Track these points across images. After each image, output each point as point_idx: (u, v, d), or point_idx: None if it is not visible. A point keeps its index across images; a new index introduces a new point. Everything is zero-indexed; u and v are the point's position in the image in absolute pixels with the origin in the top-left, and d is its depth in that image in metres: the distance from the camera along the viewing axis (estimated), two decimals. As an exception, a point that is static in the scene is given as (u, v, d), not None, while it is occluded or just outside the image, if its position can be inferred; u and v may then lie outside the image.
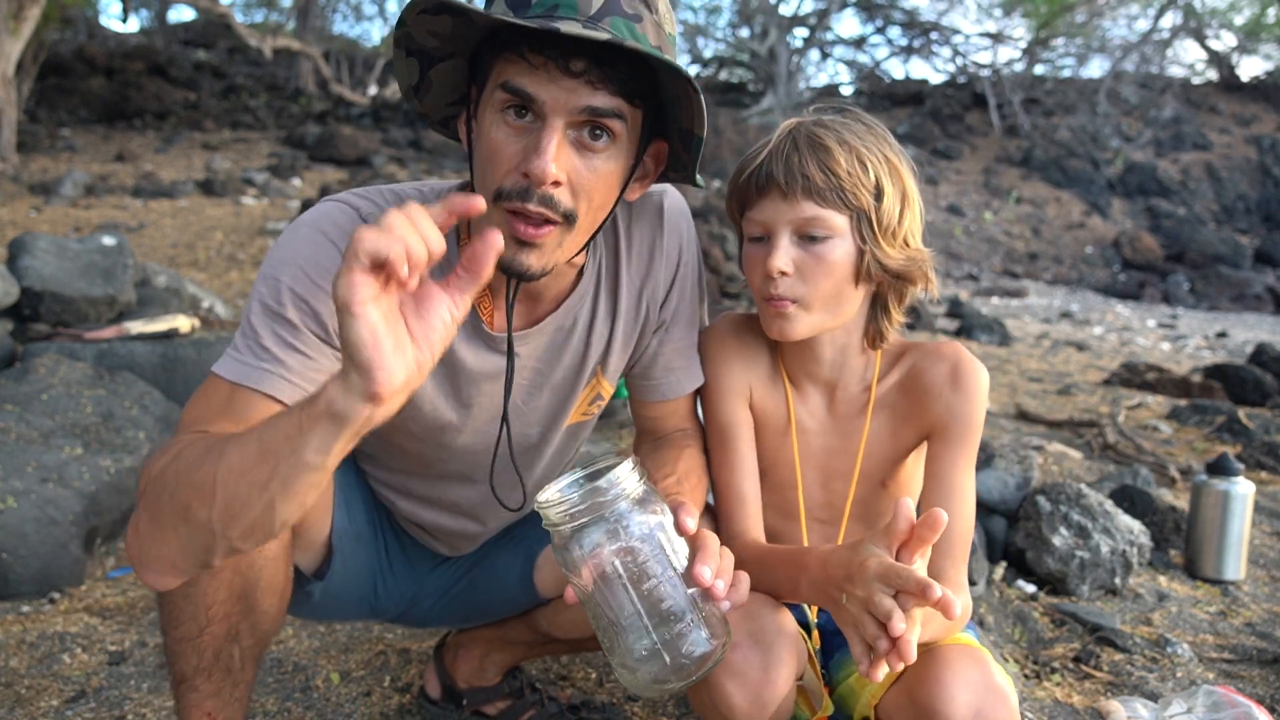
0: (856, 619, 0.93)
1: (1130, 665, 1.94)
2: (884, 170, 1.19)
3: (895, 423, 1.29)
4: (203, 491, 0.88)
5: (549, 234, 1.04)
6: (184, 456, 0.93)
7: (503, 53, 1.02)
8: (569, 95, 1.00)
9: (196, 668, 1.19)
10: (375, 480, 1.43)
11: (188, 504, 0.89)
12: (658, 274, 1.30)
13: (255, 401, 1.03)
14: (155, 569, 0.97)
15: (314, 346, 1.07)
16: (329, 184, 9.49)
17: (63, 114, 13.60)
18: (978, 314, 7.32)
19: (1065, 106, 17.24)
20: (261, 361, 1.04)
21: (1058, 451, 3.47)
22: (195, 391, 1.07)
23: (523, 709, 1.64)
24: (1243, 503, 2.42)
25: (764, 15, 18.51)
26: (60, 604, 2.14)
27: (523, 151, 1.02)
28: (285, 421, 0.85)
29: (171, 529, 0.92)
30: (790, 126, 1.22)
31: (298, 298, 1.06)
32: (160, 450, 0.98)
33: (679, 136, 1.13)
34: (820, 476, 1.34)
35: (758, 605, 1.11)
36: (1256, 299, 11.38)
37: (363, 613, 1.48)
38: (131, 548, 0.98)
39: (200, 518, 0.89)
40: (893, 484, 1.33)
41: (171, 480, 0.92)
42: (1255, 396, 4.84)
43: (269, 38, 13.74)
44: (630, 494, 0.89)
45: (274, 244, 1.11)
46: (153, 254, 6.86)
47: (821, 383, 1.31)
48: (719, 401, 1.32)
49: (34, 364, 2.81)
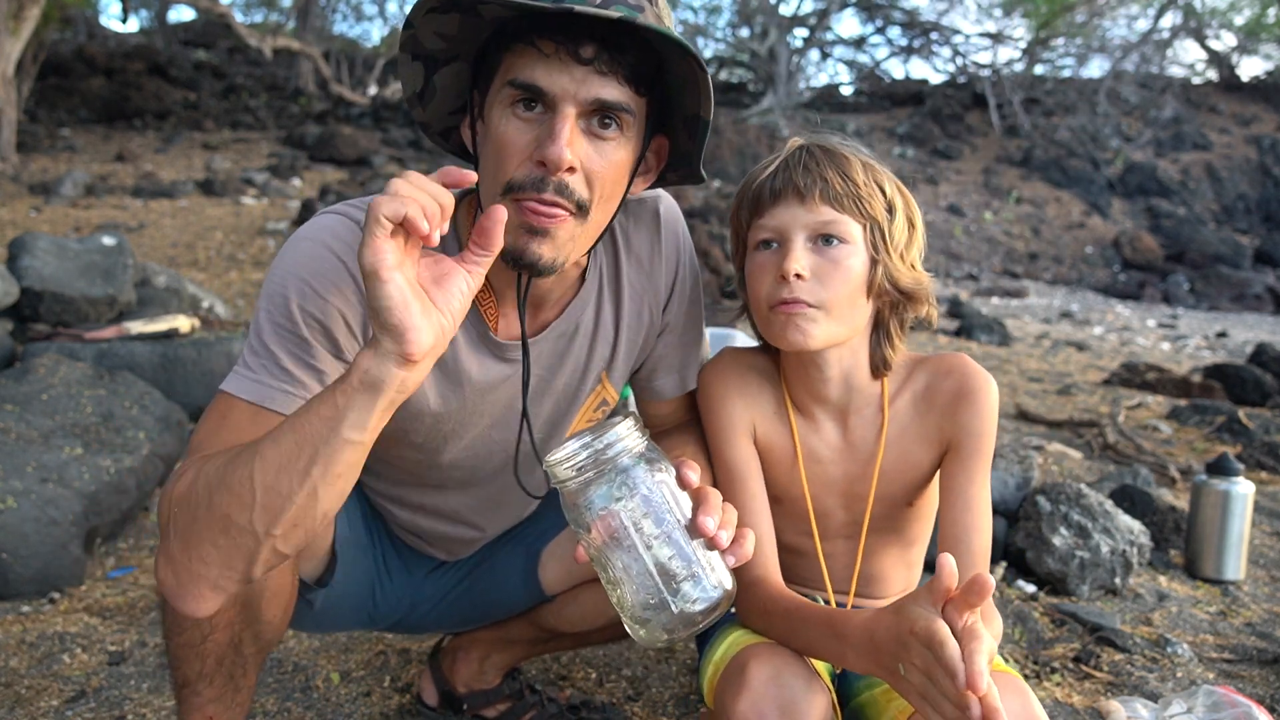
0: (923, 690, 0.88)
1: (1130, 665, 1.95)
2: (896, 192, 1.21)
3: (910, 442, 1.28)
4: (241, 495, 0.88)
5: (564, 221, 1.04)
6: (210, 470, 0.92)
7: (510, 45, 1.02)
8: (579, 85, 1.00)
9: (199, 673, 1.19)
10: (372, 490, 1.43)
11: (226, 512, 0.88)
12: (658, 277, 1.31)
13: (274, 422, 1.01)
14: (195, 594, 0.94)
15: (328, 363, 1.06)
16: (329, 184, 9.49)
17: (63, 114, 13.60)
18: (978, 314, 7.32)
19: (1065, 106, 17.24)
20: (282, 383, 1.03)
21: (1058, 451, 3.47)
22: (208, 413, 1.05)
23: (523, 710, 1.64)
24: (1243, 503, 2.42)
25: (764, 15, 18.51)
26: (60, 604, 2.14)
27: (534, 141, 1.02)
28: (319, 405, 0.87)
29: (210, 544, 0.90)
30: (802, 141, 1.23)
31: (307, 314, 1.05)
32: (177, 474, 0.97)
33: (684, 124, 1.13)
34: (842, 500, 1.32)
35: (788, 672, 1.07)
36: (1256, 299, 11.38)
37: (361, 621, 1.47)
38: (165, 580, 0.95)
39: (241, 522, 0.88)
40: (915, 501, 1.32)
41: (203, 494, 0.90)
42: (1255, 396, 4.84)
43: (269, 38, 13.74)
44: (634, 449, 0.91)
45: (276, 259, 1.10)
46: (153, 254, 6.86)
47: (833, 408, 1.29)
48: (723, 441, 1.30)
49: (34, 364, 2.81)
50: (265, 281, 1.08)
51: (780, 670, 1.08)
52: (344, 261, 1.08)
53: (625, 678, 1.85)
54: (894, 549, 1.36)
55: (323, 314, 1.05)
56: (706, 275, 6.78)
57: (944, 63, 23.86)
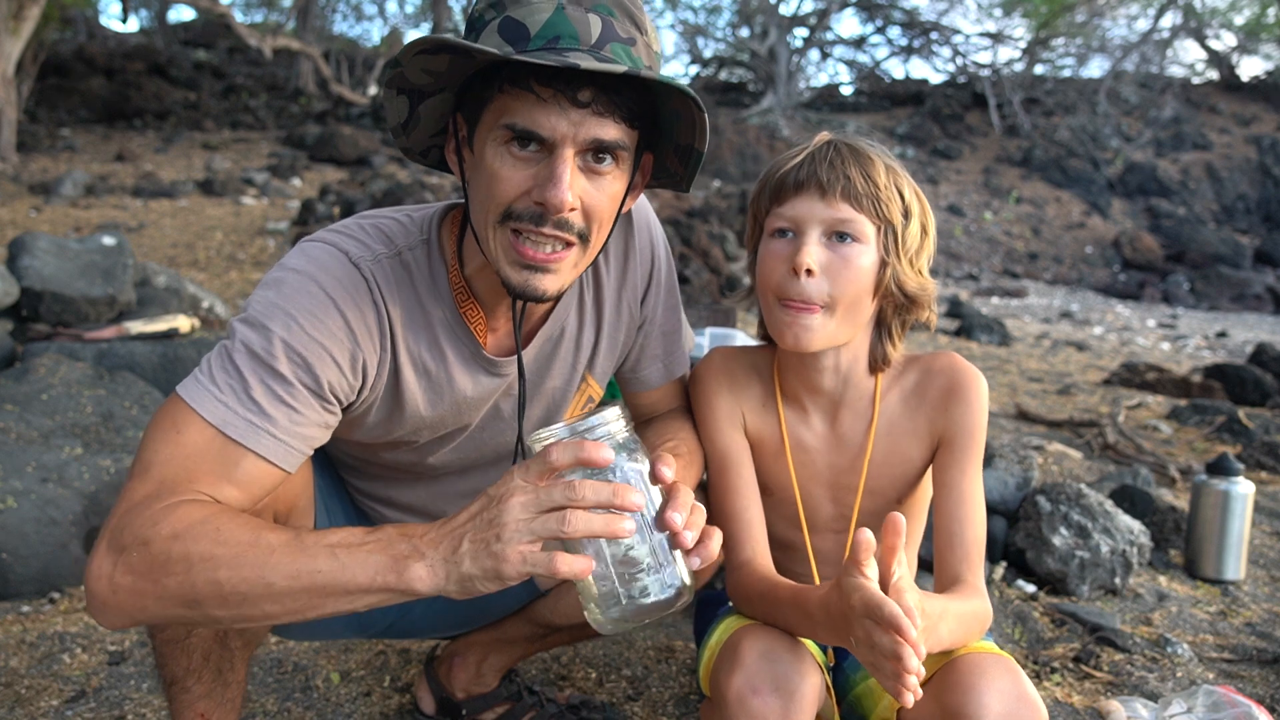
0: (869, 660, 0.95)
1: (1130, 665, 1.95)
2: (914, 197, 1.23)
3: (900, 437, 1.30)
4: (226, 598, 0.89)
5: (565, 257, 1.05)
6: (200, 545, 0.90)
7: (502, 85, 1.00)
8: (577, 127, 1.00)
9: (186, 669, 1.19)
10: (359, 493, 1.43)
11: (201, 599, 0.90)
12: (634, 273, 1.32)
13: (249, 463, 1.00)
14: (117, 618, 0.94)
15: (303, 400, 1.04)
16: (329, 184, 9.49)
17: (63, 114, 13.60)
18: (978, 314, 7.32)
19: (1065, 106, 17.25)
20: (249, 414, 1.00)
21: (1058, 451, 3.47)
22: (160, 421, 1.00)
23: (522, 712, 1.64)
24: (1243, 503, 2.42)
25: (764, 15, 18.52)
26: (60, 604, 2.14)
27: (531, 179, 1.02)
28: (358, 572, 0.89)
29: (160, 599, 0.91)
30: (830, 136, 1.25)
31: (290, 349, 1.02)
32: (146, 506, 0.93)
33: (675, 150, 1.13)
34: (830, 492, 1.35)
35: (779, 649, 1.11)
36: (1256, 299, 11.38)
37: (351, 629, 1.47)
38: (97, 588, 0.92)
39: (210, 611, 0.91)
40: (905, 498, 1.34)
41: (180, 564, 0.89)
42: (1255, 396, 4.84)
43: (269, 38, 13.75)
44: (615, 436, 0.92)
45: (261, 286, 1.06)
46: (153, 254, 6.86)
47: (825, 400, 1.32)
48: (714, 431, 1.34)
49: (34, 364, 2.81)
50: (250, 304, 1.05)
51: (772, 647, 1.10)
52: (333, 299, 1.06)
53: (625, 678, 1.85)
54: None
55: (307, 351, 1.03)
56: (706, 275, 6.78)
57: (944, 63, 23.86)
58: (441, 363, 1.18)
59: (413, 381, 1.17)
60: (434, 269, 1.16)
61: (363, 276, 1.09)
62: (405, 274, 1.13)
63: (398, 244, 1.14)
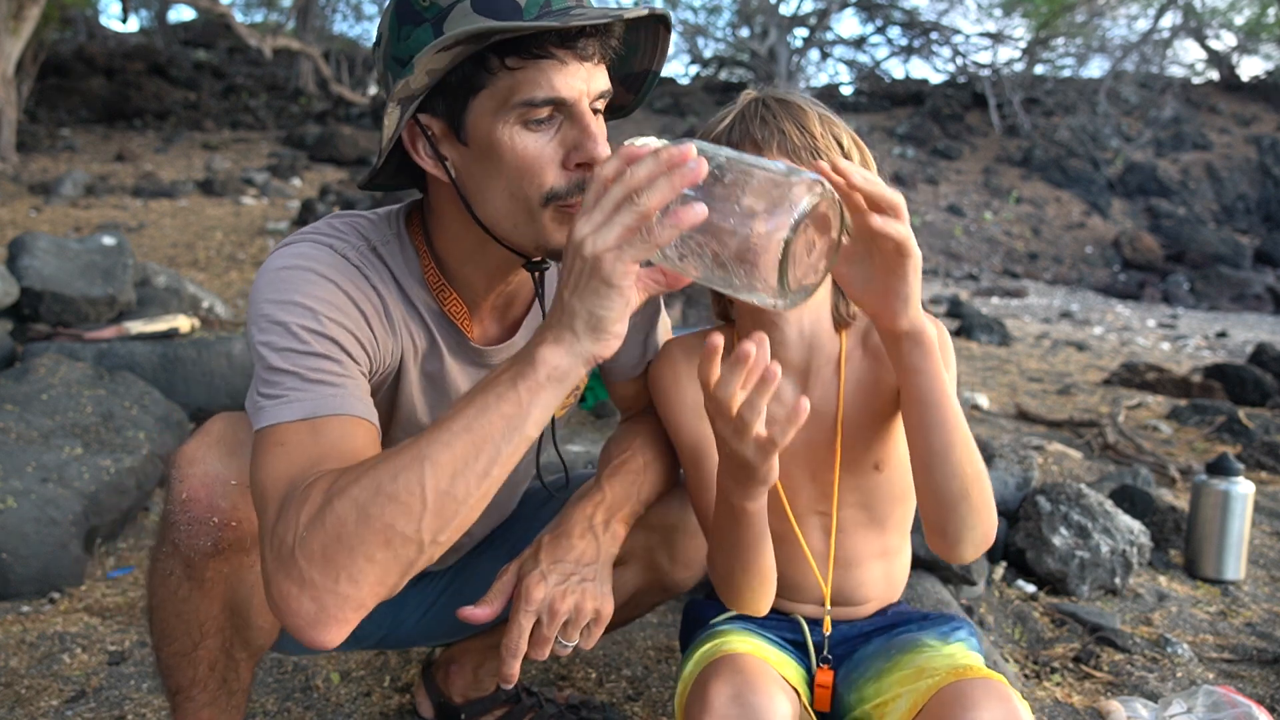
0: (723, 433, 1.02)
1: (1130, 665, 1.95)
2: (852, 144, 1.20)
3: (867, 394, 1.27)
4: (408, 504, 0.87)
5: None
6: (352, 485, 0.88)
7: (503, 64, 0.99)
8: (588, 82, 1.02)
9: (192, 680, 1.19)
10: None
11: (389, 523, 0.86)
12: None
13: (342, 425, 1.00)
14: (339, 618, 0.90)
15: (347, 367, 1.04)
16: (329, 184, 9.49)
17: (63, 114, 13.61)
18: (978, 314, 7.32)
19: (1065, 106, 17.24)
20: (317, 391, 1.00)
21: (1058, 451, 3.47)
22: (259, 455, 0.99)
23: (521, 713, 1.64)
24: (1243, 503, 2.42)
25: (764, 15, 18.52)
26: (60, 604, 2.14)
27: (561, 147, 1.03)
28: (499, 404, 0.88)
29: (365, 559, 0.87)
30: (756, 94, 1.22)
31: (312, 332, 1.03)
32: (284, 509, 0.92)
33: (623, 82, 1.15)
34: (808, 469, 1.31)
35: (747, 691, 1.07)
36: (1256, 299, 11.38)
37: (345, 642, 1.47)
38: (302, 609, 0.89)
39: (407, 532, 0.87)
40: (884, 464, 1.31)
41: (349, 510, 0.87)
42: (1255, 396, 4.83)
43: (269, 38, 13.75)
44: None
45: (256, 291, 1.06)
46: (153, 254, 6.87)
47: (793, 371, 1.28)
48: (680, 423, 1.31)
49: (34, 364, 2.81)
50: (252, 320, 1.04)
51: (740, 690, 1.08)
52: (334, 281, 1.06)
53: (625, 678, 1.85)
54: (868, 531, 1.33)
55: (325, 328, 1.04)
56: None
57: (944, 63, 23.86)
58: (438, 358, 1.19)
59: (414, 378, 1.19)
60: (409, 263, 1.16)
61: (353, 265, 1.10)
62: (384, 266, 1.14)
63: (371, 240, 1.14)
